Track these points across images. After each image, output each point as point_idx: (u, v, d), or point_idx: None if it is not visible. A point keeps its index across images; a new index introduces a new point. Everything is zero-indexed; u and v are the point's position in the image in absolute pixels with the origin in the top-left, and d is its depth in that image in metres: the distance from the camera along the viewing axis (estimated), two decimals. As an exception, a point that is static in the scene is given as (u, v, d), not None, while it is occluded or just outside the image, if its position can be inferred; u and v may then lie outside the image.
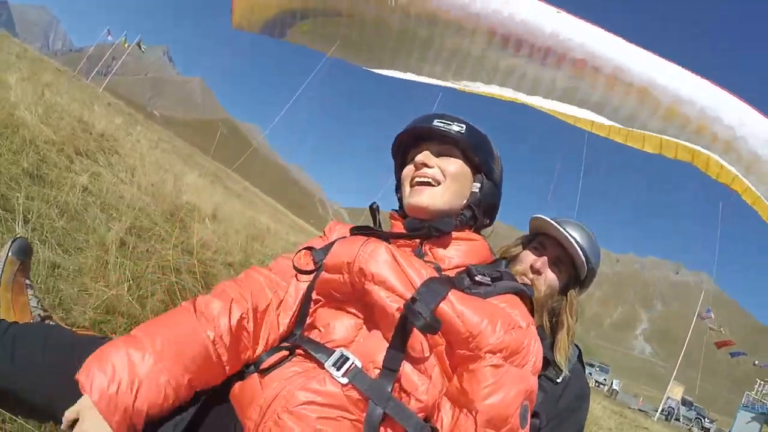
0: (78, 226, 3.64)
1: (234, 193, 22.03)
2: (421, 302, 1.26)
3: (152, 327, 1.31)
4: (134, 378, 1.16)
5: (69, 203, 3.87)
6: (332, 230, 1.77)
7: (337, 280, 1.45)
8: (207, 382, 1.32)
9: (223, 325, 1.34)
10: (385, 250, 1.42)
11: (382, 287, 1.35)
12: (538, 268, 2.29)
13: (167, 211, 5.68)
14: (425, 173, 1.65)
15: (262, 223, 11.69)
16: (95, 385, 1.13)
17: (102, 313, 2.71)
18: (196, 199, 7.76)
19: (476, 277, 1.48)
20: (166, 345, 1.24)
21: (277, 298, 1.53)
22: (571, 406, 2.17)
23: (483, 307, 1.35)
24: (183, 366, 1.24)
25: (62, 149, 5.52)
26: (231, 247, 5.75)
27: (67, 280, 2.86)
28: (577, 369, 2.29)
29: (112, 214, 4.32)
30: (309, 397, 1.21)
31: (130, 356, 1.19)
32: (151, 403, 1.17)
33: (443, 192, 1.64)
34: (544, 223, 2.35)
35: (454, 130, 1.66)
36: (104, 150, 7.17)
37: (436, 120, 1.68)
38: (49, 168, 4.53)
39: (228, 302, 1.39)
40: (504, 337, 1.30)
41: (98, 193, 4.68)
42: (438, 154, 1.69)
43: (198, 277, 4.00)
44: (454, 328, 1.30)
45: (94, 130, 8.32)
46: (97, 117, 10.06)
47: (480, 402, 1.25)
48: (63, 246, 3.20)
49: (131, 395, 1.14)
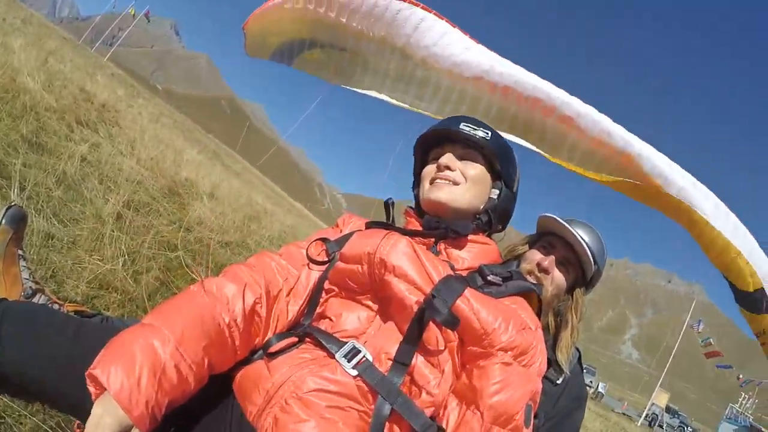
0: (75, 196, 3.58)
1: (233, 171, 21.92)
2: (439, 298, 1.29)
3: (167, 313, 1.25)
4: (157, 368, 1.12)
5: (67, 173, 3.81)
6: (346, 223, 1.77)
7: (355, 271, 1.45)
8: (221, 367, 1.30)
9: (237, 309, 1.33)
10: (406, 244, 1.44)
11: (402, 279, 1.36)
12: (545, 267, 2.25)
13: (165, 187, 5.62)
14: (447, 175, 1.64)
15: (259, 204, 11.63)
16: (114, 378, 1.07)
17: (95, 288, 2.66)
18: (195, 175, 7.70)
19: (488, 277, 1.49)
20: (185, 330, 1.20)
21: (288, 285, 1.51)
22: (569, 407, 2.17)
23: (496, 307, 1.37)
24: (203, 351, 1.22)
25: (63, 118, 5.47)
26: (228, 226, 5.70)
27: (61, 251, 2.80)
28: (576, 371, 2.28)
29: (110, 186, 4.25)
30: (319, 385, 1.20)
31: (150, 345, 1.14)
32: (174, 391, 1.15)
33: (463, 192, 1.63)
34: (552, 223, 2.31)
35: (479, 135, 1.65)
36: (105, 121, 7.11)
37: (462, 123, 1.68)
38: (48, 136, 4.48)
39: (242, 286, 1.37)
40: (516, 337, 1.32)
41: (97, 164, 4.62)
42: (461, 158, 1.68)
43: (195, 255, 3.95)
44: (470, 325, 1.32)
45: (96, 100, 8.27)
46: (100, 87, 10.02)
47: (488, 398, 1.26)
48: (58, 216, 3.13)
49: (154, 387, 1.10)
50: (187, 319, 1.23)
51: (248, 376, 1.30)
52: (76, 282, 2.60)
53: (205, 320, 1.25)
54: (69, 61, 11.34)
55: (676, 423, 46.02)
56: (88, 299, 2.54)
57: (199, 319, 1.25)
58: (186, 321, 1.22)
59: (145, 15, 55.64)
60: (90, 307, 2.42)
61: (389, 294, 1.38)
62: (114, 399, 1.04)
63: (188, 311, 1.26)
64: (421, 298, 1.32)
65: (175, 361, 1.15)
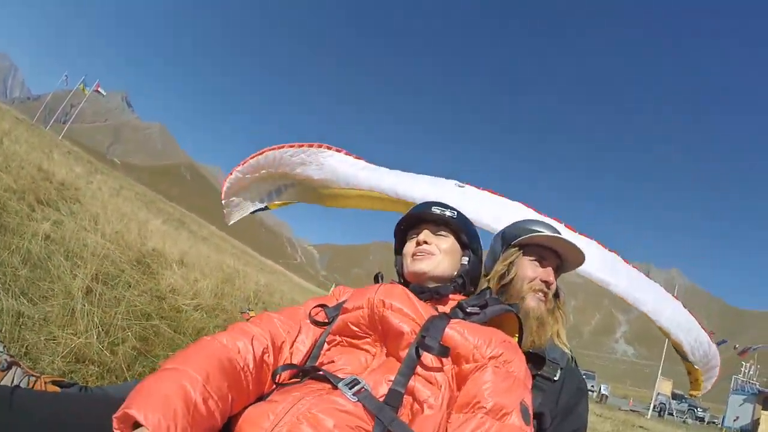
0: (42, 274, 3.51)
1: (200, 237, 21.67)
2: (429, 336, 1.48)
3: (187, 358, 1.33)
4: (189, 405, 1.19)
5: (32, 251, 3.75)
6: (342, 293, 1.97)
7: (358, 315, 1.64)
8: (237, 408, 1.36)
9: (249, 357, 1.45)
10: (401, 288, 1.70)
11: (398, 313, 1.57)
12: (551, 281, 2.29)
13: (133, 259, 5.54)
14: (425, 249, 1.96)
15: (230, 266, 11.48)
16: (152, 415, 1.13)
17: (71, 362, 2.60)
18: (162, 245, 7.61)
19: (467, 309, 1.70)
20: (209, 371, 1.29)
21: (290, 337, 1.68)
22: (572, 401, 2.16)
23: (479, 328, 1.57)
24: (227, 389, 1.31)
25: (23, 198, 5.41)
26: (201, 291, 5.62)
27: (33, 329, 2.73)
28: (571, 366, 2.27)
29: (77, 262, 4.17)
30: (327, 408, 1.26)
31: (181, 385, 1.21)
32: (204, 426, 1.21)
33: (440, 262, 1.94)
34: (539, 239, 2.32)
35: (448, 214, 2.01)
36: (66, 198, 7.03)
37: (433, 207, 2.04)
38: (9, 216, 4.41)
39: (250, 338, 1.51)
40: (501, 348, 1.50)
41: (61, 241, 4.55)
42: (434, 234, 2.02)
43: (170, 322, 3.89)
44: (462, 343, 1.49)
45: (55, 178, 8.19)
46: (57, 165, 9.93)
47: (482, 396, 1.37)
48: (27, 295, 3.06)
49: (189, 422, 1.17)
50: (209, 362, 1.32)
51: (253, 413, 1.33)
52: (51, 357, 2.53)
53: (223, 363, 1.35)
54: (24, 141, 11.22)
55: (686, 407, 45.02)
56: (65, 373, 2.47)
57: (219, 361, 1.34)
58: (208, 363, 1.31)
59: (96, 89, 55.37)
60: (68, 380, 2.36)
61: (387, 327, 1.57)
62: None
63: (208, 355, 1.35)
64: (415, 327, 1.53)
65: (204, 397, 1.23)
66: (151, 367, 2.99)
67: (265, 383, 1.50)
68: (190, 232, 20.93)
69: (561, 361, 2.17)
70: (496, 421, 1.31)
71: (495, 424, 1.31)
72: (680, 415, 43.76)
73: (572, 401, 2.16)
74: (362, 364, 1.57)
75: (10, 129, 12.43)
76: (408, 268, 1.99)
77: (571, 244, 2.25)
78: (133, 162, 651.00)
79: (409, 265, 1.99)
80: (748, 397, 38.15)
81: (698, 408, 46.28)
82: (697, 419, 44.49)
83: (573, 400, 2.17)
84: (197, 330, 4.09)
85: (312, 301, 1.93)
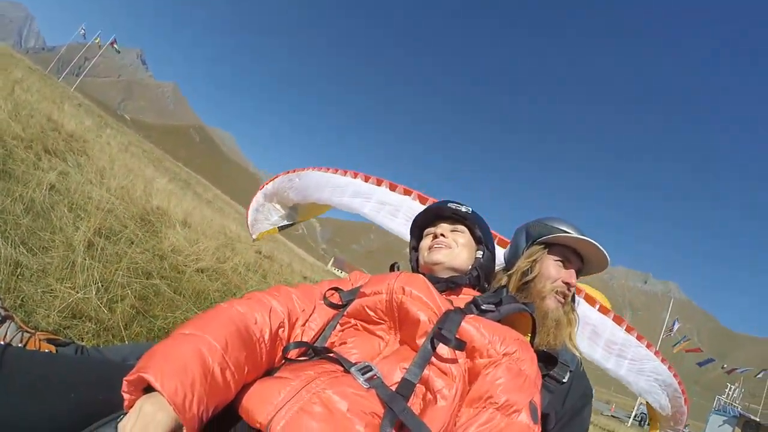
0: (44, 224, 3.45)
1: (204, 200, 21.68)
2: (445, 329, 1.46)
3: (206, 323, 1.31)
4: (207, 373, 1.17)
5: (35, 200, 3.69)
6: (358, 279, 1.98)
7: (376, 299, 1.64)
8: (249, 378, 1.34)
9: (265, 328, 1.44)
10: (422, 277, 1.69)
11: (417, 301, 1.56)
12: (573, 283, 2.26)
13: (137, 215, 5.49)
14: (442, 241, 2.01)
15: (232, 231, 11.46)
16: (168, 382, 1.10)
17: (68, 317, 2.53)
18: (167, 204, 7.56)
19: (482, 306, 1.70)
20: (228, 340, 1.27)
21: (305, 316, 1.67)
22: (578, 405, 2.15)
23: (494, 325, 1.57)
24: (244, 360, 1.29)
25: (30, 146, 5.34)
26: (203, 254, 5.58)
27: (31, 280, 2.67)
28: (580, 369, 2.26)
29: (80, 214, 4.11)
30: (342, 390, 1.24)
31: (199, 351, 1.20)
32: (220, 397, 1.20)
33: (456, 254, 1.99)
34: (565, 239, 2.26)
35: (463, 210, 2.08)
36: (73, 150, 6.96)
37: (450, 203, 2.11)
38: (15, 164, 4.35)
39: (267, 310, 1.50)
40: (515, 346, 1.49)
41: (66, 192, 4.49)
42: (450, 230, 2.08)
43: (171, 282, 3.84)
44: (477, 338, 1.48)
45: (64, 129, 8.12)
46: (67, 117, 9.85)
47: (494, 391, 1.36)
48: (27, 245, 3.00)
49: (206, 390, 1.15)
50: (228, 330, 1.30)
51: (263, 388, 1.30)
52: (47, 311, 2.46)
53: (242, 332, 1.34)
54: (36, 91, 11.14)
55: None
56: (60, 329, 2.41)
57: (237, 330, 1.33)
58: (227, 331, 1.29)
59: (111, 44, 55.06)
60: (63, 336, 2.30)
61: (404, 314, 1.57)
62: (168, 401, 1.08)
63: (226, 323, 1.33)
64: (432, 317, 1.52)
65: (222, 367, 1.21)
66: (149, 328, 2.94)
67: (275, 358, 1.49)
68: (195, 194, 20.94)
69: (571, 364, 2.15)
70: (506, 417, 1.30)
71: (505, 420, 1.30)
72: (660, 427, 44.43)
73: (578, 405, 2.15)
74: (375, 350, 1.56)
75: (23, 78, 12.36)
76: (424, 259, 2.05)
77: (598, 248, 2.19)
78: (143, 119, 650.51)
79: (425, 256, 2.05)
80: (728, 419, 38.63)
81: None
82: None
83: (579, 403, 2.16)
84: (197, 292, 4.05)
85: (327, 282, 1.94)
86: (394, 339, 1.60)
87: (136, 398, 1.12)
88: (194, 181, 35.50)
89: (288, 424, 1.14)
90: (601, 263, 2.26)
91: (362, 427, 1.17)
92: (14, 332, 1.77)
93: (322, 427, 1.13)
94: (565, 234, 2.26)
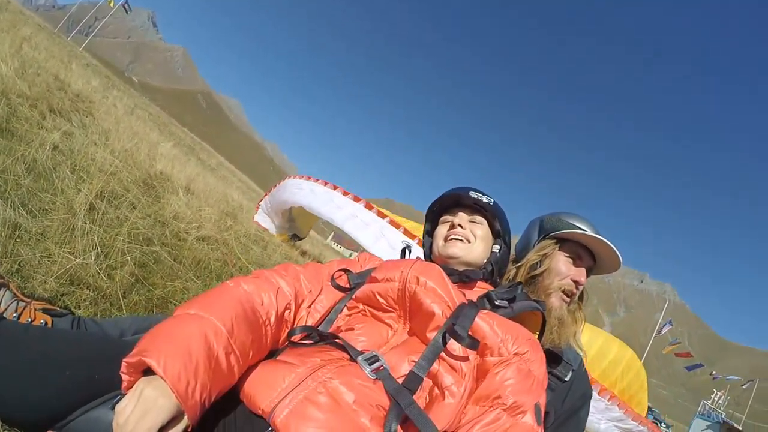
0: (45, 185, 3.39)
1: (208, 167, 21.60)
2: (459, 325, 1.43)
3: (212, 304, 1.29)
4: (211, 359, 1.15)
5: (37, 160, 3.63)
6: (368, 261, 1.99)
7: (387, 286, 1.60)
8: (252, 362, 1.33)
9: (272, 310, 1.43)
10: (438, 268, 1.65)
11: (431, 292, 1.53)
12: (582, 282, 2.22)
13: (140, 179, 5.44)
14: (460, 233, 1.96)
15: (235, 200, 11.40)
16: (171, 367, 1.07)
17: (65, 284, 2.48)
18: (170, 169, 7.49)
19: (495, 302, 1.67)
20: (234, 323, 1.25)
21: (311, 297, 1.66)
22: (577, 404, 2.14)
23: (507, 323, 1.52)
24: (250, 344, 1.28)
25: (35, 105, 5.27)
26: (204, 221, 5.54)
27: (29, 244, 2.62)
28: (582, 370, 2.24)
29: (83, 176, 4.06)
30: (348, 380, 1.23)
31: (203, 335, 1.17)
32: (223, 383, 1.19)
33: (473, 248, 1.94)
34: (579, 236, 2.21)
35: (485, 200, 1.98)
36: (79, 111, 6.89)
37: (471, 191, 1.99)
38: (19, 122, 4.28)
39: (275, 291, 1.49)
40: (526, 346, 1.46)
41: (69, 153, 4.43)
42: (469, 219, 2.01)
43: (171, 249, 3.80)
44: (490, 335, 1.45)
45: (70, 89, 8.03)
46: (74, 76, 9.75)
47: (502, 392, 1.34)
48: (27, 206, 2.94)
49: (209, 377, 1.13)
50: (234, 312, 1.28)
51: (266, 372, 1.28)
52: (44, 277, 2.41)
53: (248, 314, 1.32)
54: (44, 49, 11.00)
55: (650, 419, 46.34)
56: (57, 296, 2.36)
57: (243, 311, 1.31)
58: (234, 313, 1.27)
59: (123, 6, 54.50)
60: (60, 304, 2.26)
61: (417, 305, 1.54)
62: (171, 388, 1.06)
63: (232, 304, 1.31)
64: (446, 310, 1.49)
65: (227, 352, 1.19)
66: (147, 297, 2.89)
67: (279, 340, 1.49)
68: (199, 160, 20.88)
69: (574, 362, 2.14)
70: (511, 418, 1.30)
71: (510, 420, 1.29)
72: (644, 427, 45.06)
73: (577, 404, 2.14)
74: (382, 338, 1.54)
75: (31, 35, 12.20)
76: (439, 250, 1.99)
77: (612, 248, 2.14)
78: (150, 82, 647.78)
79: (440, 247, 1.99)
80: (712, 425, 38.94)
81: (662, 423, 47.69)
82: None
83: (578, 403, 2.15)
84: (197, 261, 4.01)
85: (336, 263, 1.92)
86: (403, 328, 1.58)
87: (135, 380, 1.10)
88: (198, 147, 35.41)
89: (292, 413, 1.11)
90: (614, 264, 2.21)
91: (367, 419, 1.15)
92: (9, 300, 1.73)
93: (327, 418, 1.10)
94: (579, 230, 2.21)
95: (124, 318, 2.07)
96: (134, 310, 2.72)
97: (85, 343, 1.32)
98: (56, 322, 1.77)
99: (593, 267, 2.27)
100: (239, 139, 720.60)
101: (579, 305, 2.29)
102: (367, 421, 1.14)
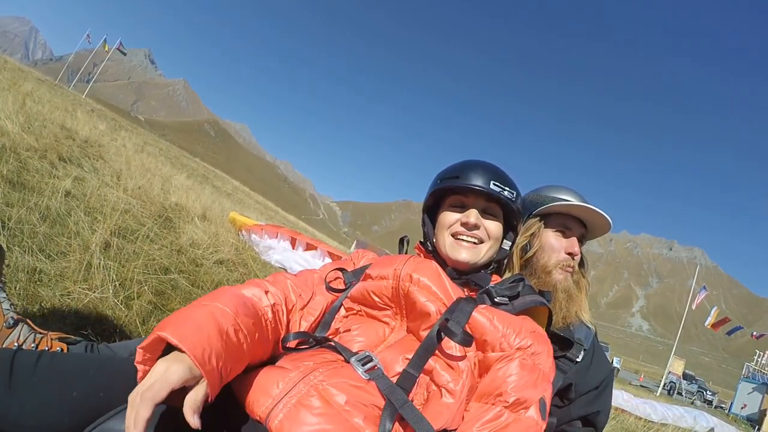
0: (61, 230, 3.53)
1: (224, 192, 21.78)
2: (453, 321, 1.39)
3: (213, 296, 1.31)
4: (222, 331, 1.17)
5: (51, 207, 3.77)
6: (361, 257, 1.92)
7: (381, 285, 1.58)
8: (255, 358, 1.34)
9: (265, 305, 1.44)
10: (433, 264, 1.60)
11: (425, 290, 1.50)
12: (577, 252, 2.17)
13: (155, 213, 5.58)
14: (474, 234, 1.74)
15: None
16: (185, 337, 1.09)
17: (84, 318, 2.61)
18: (185, 199, 7.63)
19: (495, 299, 1.58)
20: (237, 307, 1.27)
21: (302, 301, 1.63)
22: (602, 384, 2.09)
23: (509, 317, 1.47)
24: (253, 326, 1.29)
25: (45, 156, 5.43)
26: (222, 245, 5.65)
27: (48, 285, 2.75)
28: (598, 345, 2.19)
29: (97, 217, 4.20)
30: (340, 382, 1.23)
31: (211, 314, 1.19)
32: (234, 357, 1.19)
33: (486, 251, 1.74)
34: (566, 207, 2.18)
35: (506, 195, 1.73)
36: (89, 156, 7.06)
37: (492, 182, 1.72)
38: (30, 175, 4.44)
39: (264, 290, 1.49)
40: (530, 339, 1.42)
41: (82, 197, 4.58)
42: (483, 211, 1.76)
43: (189, 275, 3.92)
44: (490, 330, 1.41)
45: (78, 136, 8.21)
46: (81, 123, 9.95)
47: (504, 388, 1.32)
48: (45, 251, 3.08)
49: (222, 345, 1.15)
50: (237, 301, 1.30)
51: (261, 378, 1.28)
52: (64, 314, 2.54)
53: (247, 305, 1.34)
54: (47, 102, 11.27)
55: (695, 388, 45.14)
56: (77, 329, 2.47)
57: (243, 302, 1.33)
58: (236, 301, 1.29)
59: (118, 48, 55.16)
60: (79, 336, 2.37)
61: (411, 304, 1.51)
62: (188, 352, 1.06)
63: (232, 297, 1.32)
64: (441, 308, 1.46)
65: (235, 328, 1.21)
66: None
67: (279, 337, 1.47)
68: (214, 187, 21.05)
69: (585, 342, 2.08)
70: (513, 413, 1.29)
71: (512, 416, 1.28)
72: (689, 395, 43.39)
73: (604, 383, 2.09)
74: (379, 337, 1.53)
75: (33, 90, 12.45)
76: (446, 249, 1.76)
77: (595, 211, 2.09)
78: (157, 119, 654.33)
79: (447, 246, 1.76)
80: (758, 386, 37.56)
81: (707, 391, 46.09)
82: (705, 402, 44.01)
83: (604, 382, 2.09)
84: (215, 284, 4.12)
85: (329, 265, 1.87)
86: (401, 326, 1.56)
87: (149, 368, 1.10)
88: (212, 175, 35.66)
89: (285, 418, 1.12)
90: (603, 226, 2.17)
91: (361, 419, 1.15)
92: (27, 334, 1.84)
93: (320, 422, 1.11)
94: (559, 202, 2.17)
95: (134, 340, 2.16)
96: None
97: (93, 363, 1.37)
98: (71, 348, 1.87)
99: (585, 233, 2.24)
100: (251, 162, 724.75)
101: (582, 273, 2.24)
102: (361, 420, 1.14)
